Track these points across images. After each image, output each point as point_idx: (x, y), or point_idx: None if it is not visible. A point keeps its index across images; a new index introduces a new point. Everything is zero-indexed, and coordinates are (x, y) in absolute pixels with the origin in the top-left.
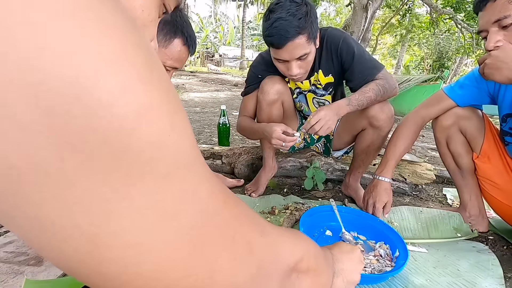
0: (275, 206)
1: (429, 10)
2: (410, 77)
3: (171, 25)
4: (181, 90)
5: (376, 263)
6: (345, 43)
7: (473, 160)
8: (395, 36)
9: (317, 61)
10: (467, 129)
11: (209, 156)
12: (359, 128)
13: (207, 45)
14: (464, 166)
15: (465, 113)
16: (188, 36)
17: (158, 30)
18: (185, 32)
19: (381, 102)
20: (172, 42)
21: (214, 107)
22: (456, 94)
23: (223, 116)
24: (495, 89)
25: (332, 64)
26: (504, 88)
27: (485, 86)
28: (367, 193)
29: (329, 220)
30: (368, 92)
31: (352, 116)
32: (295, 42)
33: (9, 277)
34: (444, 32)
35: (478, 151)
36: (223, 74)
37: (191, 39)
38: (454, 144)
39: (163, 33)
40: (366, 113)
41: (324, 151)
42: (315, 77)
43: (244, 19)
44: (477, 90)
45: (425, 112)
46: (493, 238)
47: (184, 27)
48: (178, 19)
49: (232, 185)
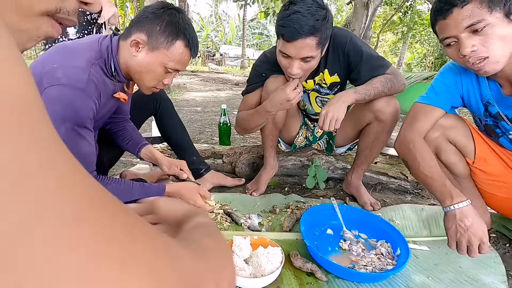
0: (276, 205)
1: (431, 7)
2: (412, 74)
3: (173, 27)
4: (182, 90)
5: (378, 261)
6: (352, 43)
7: (470, 166)
8: (396, 34)
9: (323, 61)
10: (455, 138)
11: (210, 156)
12: (364, 122)
13: (208, 44)
14: (460, 173)
15: (449, 122)
16: (190, 38)
17: (159, 31)
18: (187, 34)
19: (387, 96)
20: (174, 44)
21: (215, 107)
22: (437, 101)
23: (224, 116)
24: (463, 89)
25: (338, 64)
26: (471, 87)
27: (454, 88)
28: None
29: (330, 219)
30: (375, 83)
31: (358, 110)
32: (306, 41)
33: None
34: None
35: (472, 157)
36: (224, 73)
37: (193, 41)
38: (446, 154)
39: (165, 34)
40: (372, 107)
41: (326, 148)
42: (320, 76)
43: (245, 18)
44: (449, 93)
45: (419, 127)
46: (495, 236)
47: (187, 29)
48: (180, 21)
49: (233, 185)
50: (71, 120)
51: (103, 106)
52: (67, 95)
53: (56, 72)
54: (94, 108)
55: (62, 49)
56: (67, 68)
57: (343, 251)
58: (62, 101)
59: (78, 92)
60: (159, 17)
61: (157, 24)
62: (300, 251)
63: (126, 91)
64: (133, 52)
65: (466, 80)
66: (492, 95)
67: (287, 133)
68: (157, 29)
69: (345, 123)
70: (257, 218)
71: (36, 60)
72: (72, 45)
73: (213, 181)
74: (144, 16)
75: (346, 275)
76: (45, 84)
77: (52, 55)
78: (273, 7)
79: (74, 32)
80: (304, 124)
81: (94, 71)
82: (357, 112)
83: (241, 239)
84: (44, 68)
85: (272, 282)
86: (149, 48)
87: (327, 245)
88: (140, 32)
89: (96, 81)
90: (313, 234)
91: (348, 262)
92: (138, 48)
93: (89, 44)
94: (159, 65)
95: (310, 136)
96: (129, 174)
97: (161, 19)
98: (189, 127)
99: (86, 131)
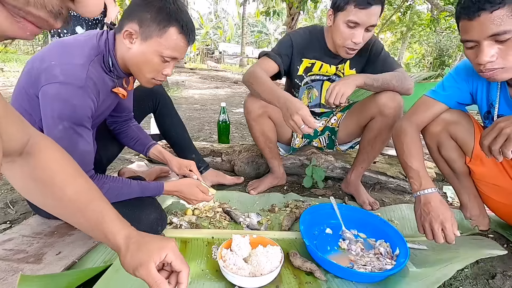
0: (275, 204)
1: (430, 7)
2: (411, 74)
3: (164, 13)
4: (181, 87)
5: (377, 261)
6: (376, 42)
7: (467, 164)
8: (395, 34)
9: None
10: (457, 134)
11: (209, 154)
12: (369, 117)
13: (207, 42)
14: (458, 170)
15: (453, 118)
16: (184, 24)
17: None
18: (180, 19)
19: (392, 92)
20: (167, 31)
21: (214, 105)
22: (442, 96)
23: (223, 114)
24: (473, 87)
25: (359, 59)
26: (481, 86)
27: (465, 85)
28: (419, 218)
29: (329, 218)
30: (385, 75)
31: (362, 105)
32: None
33: (8, 274)
34: (445, 30)
35: (470, 155)
36: (223, 71)
37: (187, 27)
38: (446, 150)
39: (157, 21)
40: (377, 101)
41: (328, 145)
42: (342, 66)
43: (245, 15)
44: (459, 90)
45: (417, 119)
46: (493, 237)
47: (179, 15)
48: (172, 6)
49: (232, 183)
50: (68, 118)
51: (102, 103)
52: (65, 93)
53: (54, 70)
54: (92, 106)
55: (60, 46)
56: (65, 65)
57: (342, 251)
58: (59, 99)
59: (76, 90)
60: (150, 4)
61: (148, 12)
62: (299, 250)
63: (125, 87)
64: (127, 44)
65: (478, 78)
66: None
67: (281, 138)
68: (148, 17)
69: (349, 117)
70: (256, 217)
71: (34, 56)
72: (71, 42)
73: (212, 179)
74: (135, 5)
75: (345, 274)
76: (43, 81)
77: (51, 52)
78: (273, 6)
79: (82, 31)
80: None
81: (92, 68)
82: (361, 106)
83: (240, 237)
84: (42, 65)
85: (271, 281)
86: (142, 38)
87: (326, 244)
88: (132, 22)
89: (95, 78)
90: (312, 233)
91: (347, 261)
92: (131, 39)
93: (88, 41)
94: (155, 55)
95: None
96: (127, 172)
97: (151, 6)
98: (188, 125)
99: (83, 130)
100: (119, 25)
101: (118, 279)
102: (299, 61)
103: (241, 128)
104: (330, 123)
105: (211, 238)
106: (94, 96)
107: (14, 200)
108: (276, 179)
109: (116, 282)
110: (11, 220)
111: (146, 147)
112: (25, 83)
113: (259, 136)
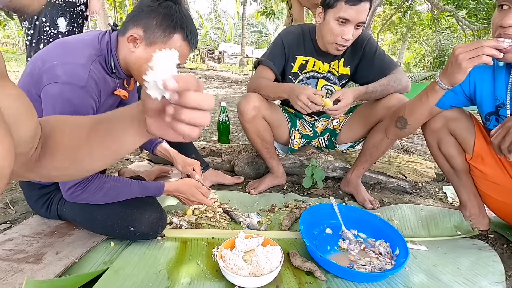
0: (275, 204)
1: (431, 7)
2: (411, 74)
3: (170, 20)
4: None
5: (376, 261)
6: (370, 41)
7: (467, 161)
8: (395, 34)
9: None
10: (456, 131)
11: (209, 154)
12: (376, 120)
13: (206, 42)
14: (458, 167)
15: (453, 115)
16: (188, 31)
17: (156, 25)
18: (185, 26)
19: (400, 95)
20: (171, 38)
21: (214, 105)
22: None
23: (223, 114)
24: (470, 90)
25: (353, 57)
26: (480, 88)
27: (459, 88)
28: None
29: (329, 218)
30: (381, 80)
31: (369, 108)
32: (366, 5)
33: (8, 274)
34: (445, 30)
35: (470, 152)
36: (223, 71)
37: (191, 34)
38: (445, 146)
39: (162, 28)
40: (385, 104)
41: (328, 145)
42: (335, 64)
43: (245, 15)
44: (453, 93)
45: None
46: (493, 237)
47: (184, 22)
48: (177, 14)
49: (232, 183)
50: None
51: (104, 103)
52: (66, 93)
53: (56, 69)
54: (94, 106)
55: (62, 46)
56: (67, 65)
57: (342, 251)
58: (61, 99)
59: (78, 90)
60: (155, 10)
61: (153, 18)
62: (299, 250)
63: (126, 88)
64: (131, 48)
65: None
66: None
67: (280, 139)
68: (153, 23)
69: (354, 119)
70: (256, 217)
71: (35, 57)
72: (73, 42)
73: (212, 179)
74: (140, 10)
75: (345, 274)
76: (45, 81)
77: (52, 52)
78: (271, 6)
79: (64, 24)
80: (293, 126)
81: (94, 69)
82: (368, 110)
83: (244, 236)
84: (44, 65)
85: (271, 281)
86: (146, 43)
87: (326, 244)
88: (137, 27)
89: (97, 78)
90: (312, 233)
91: (347, 261)
92: (135, 44)
93: (90, 41)
94: None
95: (310, 132)
96: (127, 172)
97: (157, 13)
98: None
99: None
100: (122, 28)
101: (118, 280)
102: (292, 59)
103: (241, 128)
104: (331, 125)
105: (211, 238)
106: (96, 96)
107: (14, 200)
108: (276, 178)
109: (116, 282)
110: (11, 220)
111: (154, 144)
112: (28, 84)
113: (255, 138)
